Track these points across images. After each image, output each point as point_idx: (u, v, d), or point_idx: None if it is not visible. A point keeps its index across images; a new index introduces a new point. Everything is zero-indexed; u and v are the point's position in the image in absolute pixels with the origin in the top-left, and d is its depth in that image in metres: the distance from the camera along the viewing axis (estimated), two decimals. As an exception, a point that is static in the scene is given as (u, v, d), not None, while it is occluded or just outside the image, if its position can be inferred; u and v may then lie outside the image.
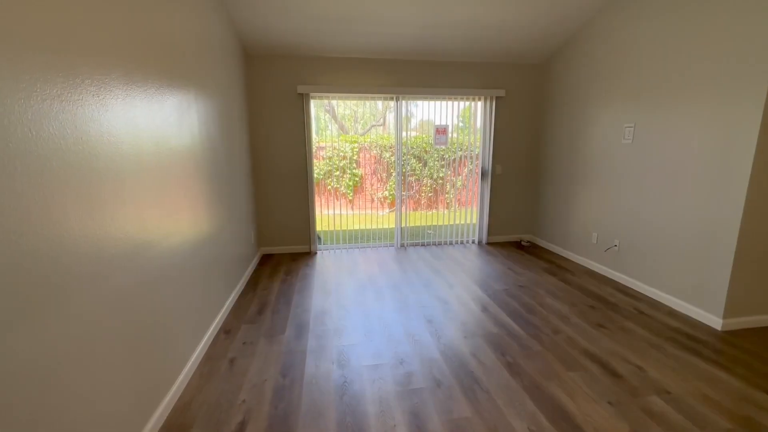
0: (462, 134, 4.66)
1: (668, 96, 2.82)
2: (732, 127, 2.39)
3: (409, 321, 2.68)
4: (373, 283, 3.42)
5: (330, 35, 3.53)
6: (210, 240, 2.46)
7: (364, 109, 9.40)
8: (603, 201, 3.53)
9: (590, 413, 1.76)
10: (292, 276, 3.60)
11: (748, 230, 2.39)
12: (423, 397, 1.88)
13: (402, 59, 4.12)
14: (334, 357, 2.23)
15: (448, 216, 4.91)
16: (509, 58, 4.20)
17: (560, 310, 2.83)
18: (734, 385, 1.95)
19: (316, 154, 5.48)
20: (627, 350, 2.28)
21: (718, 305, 2.52)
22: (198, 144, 2.29)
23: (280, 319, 2.71)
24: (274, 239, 4.32)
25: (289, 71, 3.95)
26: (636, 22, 3.05)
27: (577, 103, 3.82)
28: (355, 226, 5.37)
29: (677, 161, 2.77)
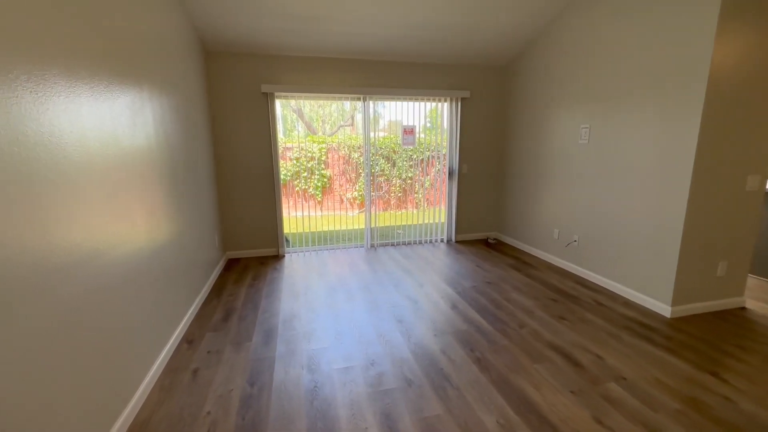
0: (430, 135, 4.72)
1: (619, 99, 2.99)
2: (675, 128, 2.57)
3: (380, 321, 2.67)
4: (343, 284, 3.39)
5: (294, 34, 3.47)
6: (169, 246, 2.34)
7: (332, 109, 9.32)
8: (563, 199, 3.69)
9: (555, 403, 1.83)
10: (260, 280, 3.50)
11: (691, 224, 2.58)
12: (394, 397, 1.88)
13: (368, 59, 4.11)
14: (304, 362, 2.19)
15: (417, 216, 4.96)
16: (474, 60, 4.30)
17: (525, 304, 2.93)
18: (682, 368, 2.09)
19: (283, 155, 5.37)
20: (587, 340, 2.39)
21: (667, 294, 2.70)
22: (154, 144, 2.17)
23: (246, 326, 2.63)
24: (240, 243, 4.18)
25: (253, 70, 3.83)
26: (588, 30, 3.21)
27: (538, 105, 3.97)
28: (325, 228, 5.30)
29: (629, 160, 2.94)
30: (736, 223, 2.69)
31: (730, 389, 1.92)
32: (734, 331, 2.50)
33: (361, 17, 3.28)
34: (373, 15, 3.26)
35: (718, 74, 2.37)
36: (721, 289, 2.78)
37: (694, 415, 1.74)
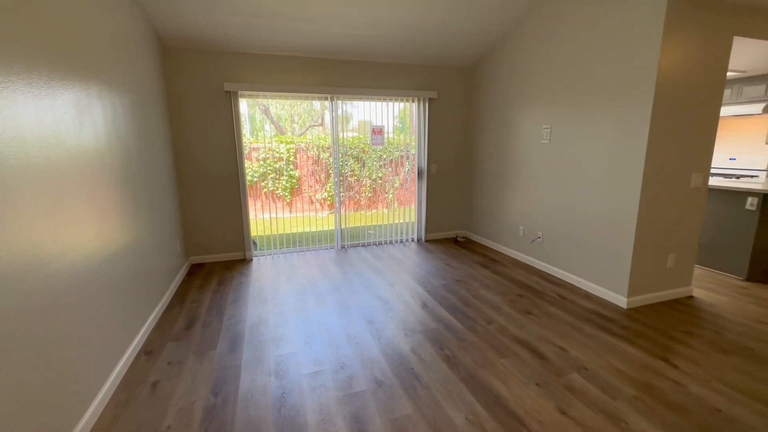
0: (400, 135, 4.74)
1: (577, 101, 3.12)
2: (628, 130, 2.71)
3: (350, 323, 2.65)
4: (313, 287, 3.33)
5: (258, 31, 3.37)
6: (124, 252, 2.21)
7: (301, 109, 9.16)
8: (527, 197, 3.82)
9: (521, 396, 1.88)
10: (226, 285, 3.38)
11: (643, 220, 2.73)
12: (365, 399, 1.86)
13: (336, 59, 4.07)
14: (272, 368, 2.13)
15: (388, 215, 4.97)
16: (441, 61, 4.36)
17: (493, 300, 3.00)
18: (637, 356, 2.21)
19: (249, 155, 5.22)
20: (551, 333, 2.48)
21: (623, 286, 2.85)
22: (104, 145, 2.04)
23: (211, 333, 2.52)
24: (204, 247, 4.02)
25: (215, 67, 3.69)
26: (547, 35, 3.33)
27: (502, 105, 4.08)
28: (294, 230, 5.21)
29: (587, 160, 3.08)
30: (683, 217, 2.87)
31: (679, 374, 2.04)
32: (683, 318, 2.67)
33: (328, 16, 3.23)
34: (339, 14, 3.22)
35: (664, 81, 2.52)
36: (671, 279, 2.96)
37: (648, 400, 1.84)
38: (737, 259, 3.41)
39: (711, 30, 2.56)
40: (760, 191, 3.17)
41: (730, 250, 3.45)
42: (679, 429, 1.65)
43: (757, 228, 3.25)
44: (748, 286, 3.25)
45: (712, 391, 1.90)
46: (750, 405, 1.80)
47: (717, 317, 2.69)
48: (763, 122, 4.26)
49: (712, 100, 2.72)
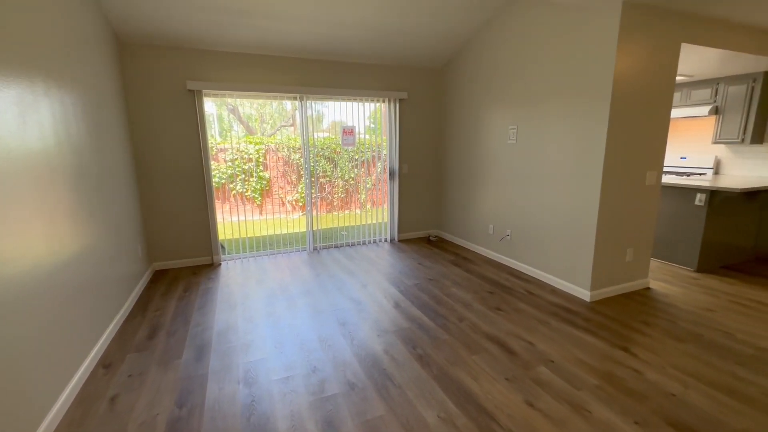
0: (373, 135, 4.73)
1: (541, 103, 3.23)
2: (588, 131, 2.83)
3: (323, 326, 2.61)
4: (284, 290, 3.26)
5: (222, 28, 3.27)
6: (78, 259, 2.07)
7: (271, 108, 8.97)
8: (496, 195, 3.91)
9: (491, 391, 1.91)
10: (192, 292, 3.25)
11: (604, 216, 2.86)
12: (337, 402, 1.84)
13: (305, 58, 4.01)
14: (240, 376, 2.06)
15: (361, 216, 4.95)
16: (410, 62, 4.39)
17: (464, 298, 3.05)
18: (599, 347, 2.31)
19: (216, 156, 5.06)
20: (520, 329, 2.55)
21: (586, 280, 2.97)
22: (53, 146, 1.91)
23: (176, 342, 2.42)
24: (169, 252, 3.85)
25: (177, 65, 3.55)
26: (513, 38, 3.42)
27: (471, 106, 4.16)
28: (265, 232, 5.09)
29: (551, 159, 3.19)
30: (639, 213, 3.03)
31: (638, 362, 2.15)
32: (641, 309, 2.82)
33: (296, 15, 3.18)
34: (307, 13, 3.18)
35: (620, 85, 2.65)
36: (629, 272, 3.12)
37: (609, 389, 1.92)
38: (688, 252, 3.63)
39: (661, 37, 2.72)
40: (708, 188, 3.40)
41: (682, 244, 3.68)
42: (638, 415, 1.74)
43: (705, 222, 3.48)
44: (698, 277, 3.48)
45: (667, 377, 2.01)
46: (700, 388, 1.92)
47: (671, 307, 2.85)
48: (710, 123, 4.57)
49: (664, 102, 2.89)
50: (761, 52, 3.21)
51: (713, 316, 2.69)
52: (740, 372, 2.05)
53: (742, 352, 2.23)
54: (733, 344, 2.32)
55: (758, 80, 3.98)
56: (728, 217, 3.64)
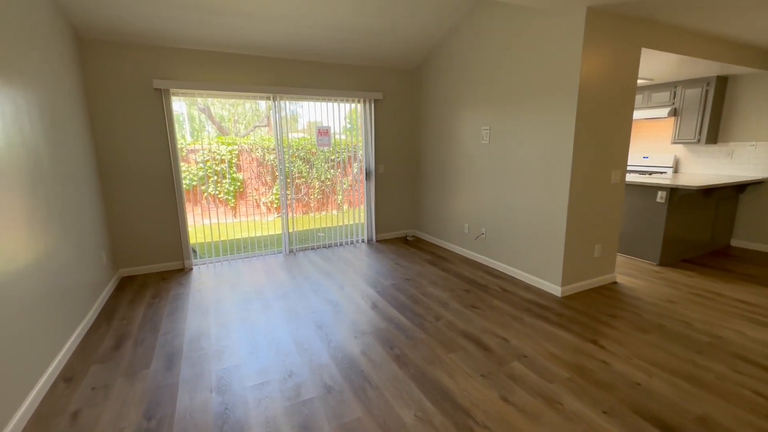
0: (349, 136, 4.71)
1: (512, 104, 3.30)
2: (557, 131, 2.93)
3: (299, 329, 2.57)
4: (259, 294, 3.20)
5: (191, 25, 3.17)
6: (34, 267, 1.95)
7: (245, 108, 8.79)
8: (471, 195, 3.98)
9: (467, 388, 1.94)
10: (161, 298, 3.13)
11: (573, 214, 2.96)
12: (313, 406, 1.81)
13: (278, 57, 3.94)
14: (213, 383, 2.00)
15: (338, 217, 4.91)
16: (384, 62, 4.39)
17: (441, 297, 3.08)
18: (570, 341, 2.38)
19: (187, 157, 4.90)
20: (495, 325, 2.60)
21: (557, 276, 3.06)
22: (4, 148, 1.79)
23: (143, 352, 2.32)
24: (136, 258, 3.69)
25: (142, 63, 3.41)
26: (482, 40, 3.49)
27: (445, 107, 4.22)
28: (239, 235, 4.96)
29: (522, 159, 3.27)
30: (606, 211, 3.16)
31: (606, 354, 2.24)
32: (608, 303, 2.93)
33: (270, 15, 3.12)
34: (280, 12, 3.12)
35: (586, 87, 2.75)
36: (598, 268, 3.24)
37: (580, 381, 1.99)
38: (651, 247, 3.82)
39: (623, 42, 2.84)
40: (668, 186, 3.58)
41: (646, 239, 3.86)
42: (606, 404, 1.81)
43: (666, 218, 3.66)
44: (661, 270, 3.66)
45: (632, 367, 2.10)
46: (663, 376, 2.01)
47: (636, 300, 2.98)
48: (669, 124, 4.82)
49: (627, 104, 3.02)
50: (714, 58, 3.41)
51: (674, 308, 2.84)
52: (699, 359, 2.16)
53: (700, 341, 2.36)
54: (692, 333, 2.46)
55: (712, 84, 4.23)
56: (687, 213, 3.85)
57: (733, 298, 3.00)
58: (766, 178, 4.11)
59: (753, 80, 4.13)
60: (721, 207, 4.20)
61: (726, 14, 2.78)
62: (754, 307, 2.82)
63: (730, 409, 1.76)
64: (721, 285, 3.27)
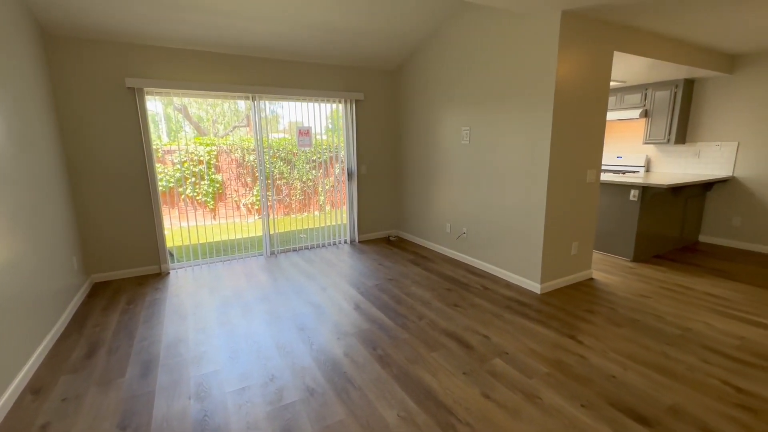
0: (332, 136, 4.68)
1: (492, 105, 3.36)
2: (535, 132, 2.99)
3: (281, 333, 2.54)
4: (239, 297, 3.14)
5: (166, 23, 3.08)
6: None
7: (224, 108, 8.62)
8: (452, 195, 4.02)
9: (449, 386, 1.96)
10: (137, 304, 3.03)
11: (550, 212, 3.03)
12: (296, 410, 1.79)
13: (258, 57, 3.88)
14: (192, 390, 1.95)
15: (320, 218, 4.88)
16: (365, 63, 4.39)
17: (423, 296, 3.10)
18: (549, 336, 2.44)
19: (163, 158, 4.77)
20: (476, 323, 2.63)
21: (536, 273, 3.13)
22: (-37, 149, 1.70)
23: (118, 360, 2.24)
24: (110, 263, 3.56)
25: (115, 60, 3.29)
26: (462, 42, 3.54)
27: (426, 108, 4.24)
28: (218, 238, 4.86)
29: (502, 159, 3.33)
30: (582, 209, 3.25)
31: (583, 348, 2.30)
32: (585, 298, 3.01)
33: (250, 14, 3.06)
34: (259, 11, 3.07)
35: (562, 89, 2.82)
36: (575, 265, 3.33)
37: (559, 376, 2.03)
38: (625, 244, 3.95)
39: (596, 45, 2.93)
40: (640, 184, 3.71)
41: (620, 236, 3.99)
42: (584, 398, 1.85)
43: (639, 216, 3.80)
44: (634, 266, 3.79)
45: (608, 361, 2.16)
46: (637, 369, 2.08)
47: (611, 295, 3.08)
48: (641, 125, 5.00)
49: (600, 105, 3.12)
50: (681, 62, 3.56)
51: (647, 302, 2.94)
52: (670, 351, 2.25)
53: (671, 333, 2.46)
54: (663, 326, 2.55)
55: (680, 86, 4.41)
56: (658, 211, 4.00)
57: (702, 291, 3.13)
58: (730, 176, 4.31)
59: (717, 84, 4.33)
60: (689, 204, 4.38)
61: (692, 20, 2.91)
62: (721, 300, 2.96)
63: (699, 399, 1.84)
64: (690, 279, 3.41)
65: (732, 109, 4.24)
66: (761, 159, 4.09)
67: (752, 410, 1.76)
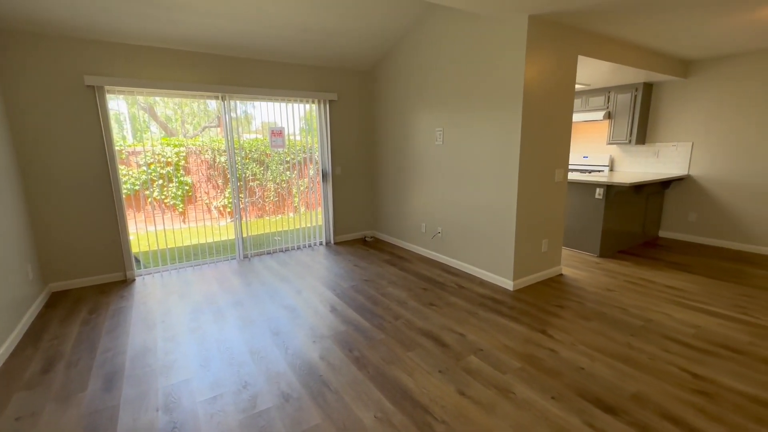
0: (307, 137, 4.62)
1: (464, 106, 3.41)
2: (505, 133, 3.06)
3: (254, 338, 2.48)
4: (210, 303, 3.04)
5: (129, 18, 2.94)
6: (-61, 287, 1.72)
7: (193, 108, 8.33)
8: (427, 195, 4.06)
9: (426, 385, 1.97)
10: (99, 313, 2.88)
11: (521, 211, 3.11)
12: (270, 417, 1.75)
13: (228, 55, 3.78)
14: (160, 402, 1.87)
15: (296, 220, 4.80)
16: (339, 63, 4.36)
17: (400, 296, 3.11)
18: (522, 332, 2.50)
19: (127, 160, 4.55)
20: (452, 321, 2.66)
21: (509, 271, 3.20)
22: None
23: (78, 373, 2.12)
24: (70, 271, 3.37)
25: (72, 57, 3.12)
26: (434, 44, 3.58)
27: (400, 108, 4.27)
28: (189, 242, 4.70)
29: (474, 160, 3.39)
30: (551, 207, 3.35)
31: (554, 342, 2.37)
32: (555, 294, 3.12)
33: (218, 10, 2.97)
34: (228, 8, 2.99)
35: (529, 90, 2.91)
36: (545, 262, 3.43)
37: (531, 370, 2.09)
38: (591, 240, 4.11)
39: (562, 49, 3.03)
40: (605, 183, 3.88)
41: (587, 233, 4.15)
42: (554, 390, 1.91)
43: (604, 213, 3.97)
44: (600, 261, 3.95)
45: (577, 353, 2.24)
46: (603, 360, 2.17)
47: (580, 290, 3.20)
48: (605, 126, 5.23)
49: (566, 107, 3.23)
50: (640, 66, 3.74)
51: (613, 295, 3.07)
52: (633, 342, 2.36)
53: (634, 325, 2.58)
54: (627, 318, 2.67)
55: (640, 90, 4.64)
56: (622, 209, 4.19)
57: (662, 284, 3.31)
58: (686, 175, 4.58)
59: (672, 87, 4.59)
60: (650, 202, 4.62)
61: (649, 28, 3.07)
62: (679, 292, 3.13)
63: (660, 386, 1.94)
64: (651, 273, 3.59)
65: (686, 112, 4.51)
66: (713, 158, 4.37)
67: (707, 394, 1.87)
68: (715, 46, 3.74)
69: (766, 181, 4.02)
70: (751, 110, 4.02)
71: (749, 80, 3.99)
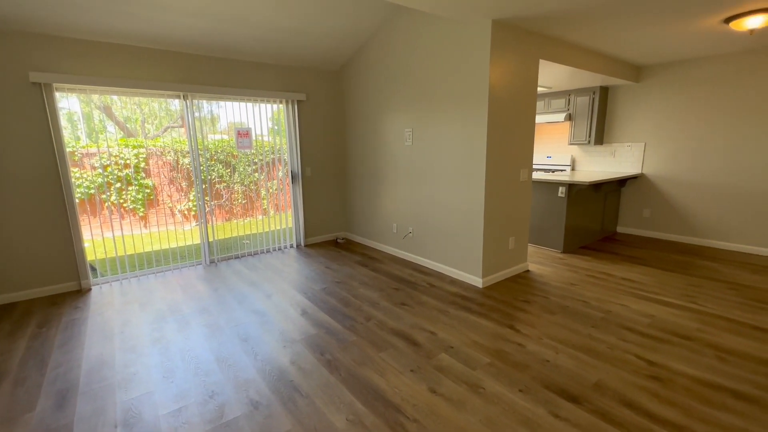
0: (275, 137, 4.52)
1: (432, 107, 3.46)
2: (472, 134, 3.13)
3: (222, 345, 2.40)
4: (174, 311, 2.91)
5: (80, 11, 2.77)
6: None
7: (154, 108, 7.95)
8: (398, 195, 4.08)
9: (398, 385, 1.98)
10: (50, 327, 2.69)
11: (489, 210, 3.19)
12: (239, 426, 1.70)
13: (191, 53, 3.64)
14: (119, 417, 1.77)
15: (265, 223, 4.69)
16: (307, 63, 4.31)
17: (372, 297, 3.11)
18: (490, 328, 2.57)
19: (81, 162, 4.28)
20: (423, 320, 2.69)
21: (478, 268, 3.28)
22: None
23: (26, 392, 1.97)
24: (15, 282, 3.12)
25: (14, 52, 2.90)
26: (402, 45, 3.61)
27: (370, 109, 4.27)
28: (150, 247, 4.48)
29: (443, 160, 3.45)
30: (517, 205, 3.46)
31: (521, 337, 2.45)
32: (522, 290, 3.22)
33: (181, 6, 2.85)
34: (186, 2, 2.88)
35: (494, 92, 2.99)
36: (512, 258, 3.54)
37: (500, 365, 2.15)
38: (555, 236, 4.28)
39: (524, 53, 3.14)
40: (567, 182, 4.05)
41: (551, 230, 4.32)
42: (522, 383, 1.97)
43: (566, 211, 4.14)
44: (564, 257, 4.12)
45: (542, 346, 2.33)
46: (567, 352, 2.27)
47: (545, 285, 3.32)
48: (566, 128, 5.47)
49: (530, 109, 3.35)
50: (596, 70, 3.94)
51: (575, 289, 3.21)
52: (594, 333, 2.48)
53: (595, 317, 2.71)
54: (589, 311, 2.80)
55: (597, 93, 4.88)
56: (582, 206, 4.39)
57: (620, 277, 3.49)
58: (639, 173, 4.86)
59: (626, 91, 4.86)
60: (608, 199, 4.87)
61: (602, 34, 3.23)
62: (635, 284, 3.32)
63: (618, 374, 2.04)
64: (610, 266, 3.78)
65: (639, 114, 4.79)
66: (664, 158, 4.66)
67: (661, 380, 1.99)
68: (661, 53, 4.00)
69: (712, 179, 4.34)
70: (698, 113, 4.33)
71: (695, 85, 4.30)
